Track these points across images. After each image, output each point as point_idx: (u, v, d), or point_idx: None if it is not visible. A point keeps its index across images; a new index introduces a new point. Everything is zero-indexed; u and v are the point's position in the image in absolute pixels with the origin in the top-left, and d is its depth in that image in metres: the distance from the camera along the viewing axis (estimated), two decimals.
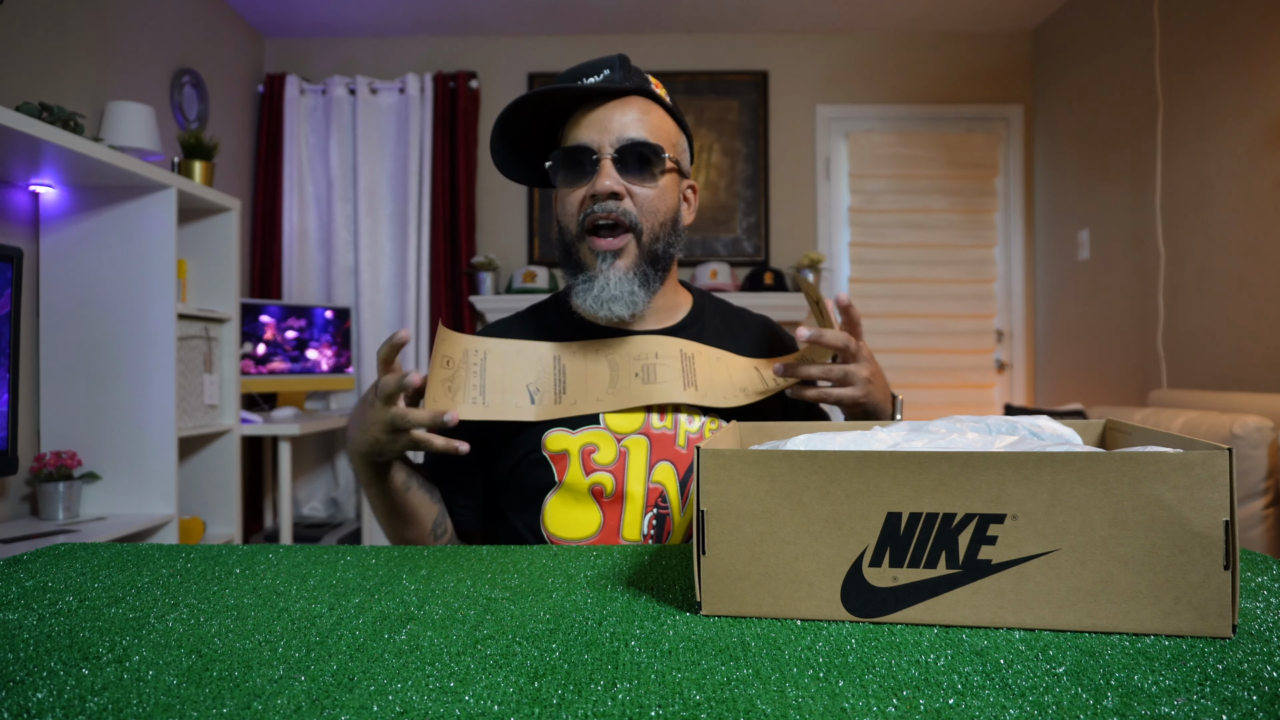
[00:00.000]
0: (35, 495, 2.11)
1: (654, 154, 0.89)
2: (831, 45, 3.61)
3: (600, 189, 0.86)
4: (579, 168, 0.88)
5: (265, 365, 3.06)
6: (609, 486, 0.88)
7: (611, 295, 0.88)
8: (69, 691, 0.40)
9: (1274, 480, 1.99)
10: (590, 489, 0.88)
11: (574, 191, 0.89)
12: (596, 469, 0.88)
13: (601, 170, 0.87)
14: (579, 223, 0.89)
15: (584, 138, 0.88)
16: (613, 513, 0.88)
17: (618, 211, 0.87)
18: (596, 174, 0.87)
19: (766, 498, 0.50)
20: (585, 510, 0.88)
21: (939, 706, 0.37)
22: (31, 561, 0.68)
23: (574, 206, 0.89)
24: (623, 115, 0.88)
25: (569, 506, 0.89)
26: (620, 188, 0.87)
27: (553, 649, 0.45)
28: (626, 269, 0.88)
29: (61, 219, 2.16)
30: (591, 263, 0.89)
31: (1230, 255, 2.44)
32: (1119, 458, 0.46)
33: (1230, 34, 2.44)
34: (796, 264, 3.54)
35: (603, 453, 0.89)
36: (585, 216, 0.88)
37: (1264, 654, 0.43)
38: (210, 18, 3.13)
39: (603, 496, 0.88)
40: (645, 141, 0.88)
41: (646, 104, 0.90)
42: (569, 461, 0.89)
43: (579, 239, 0.89)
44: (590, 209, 0.87)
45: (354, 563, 0.66)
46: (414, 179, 3.45)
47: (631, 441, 0.89)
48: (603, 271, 0.88)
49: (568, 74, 0.92)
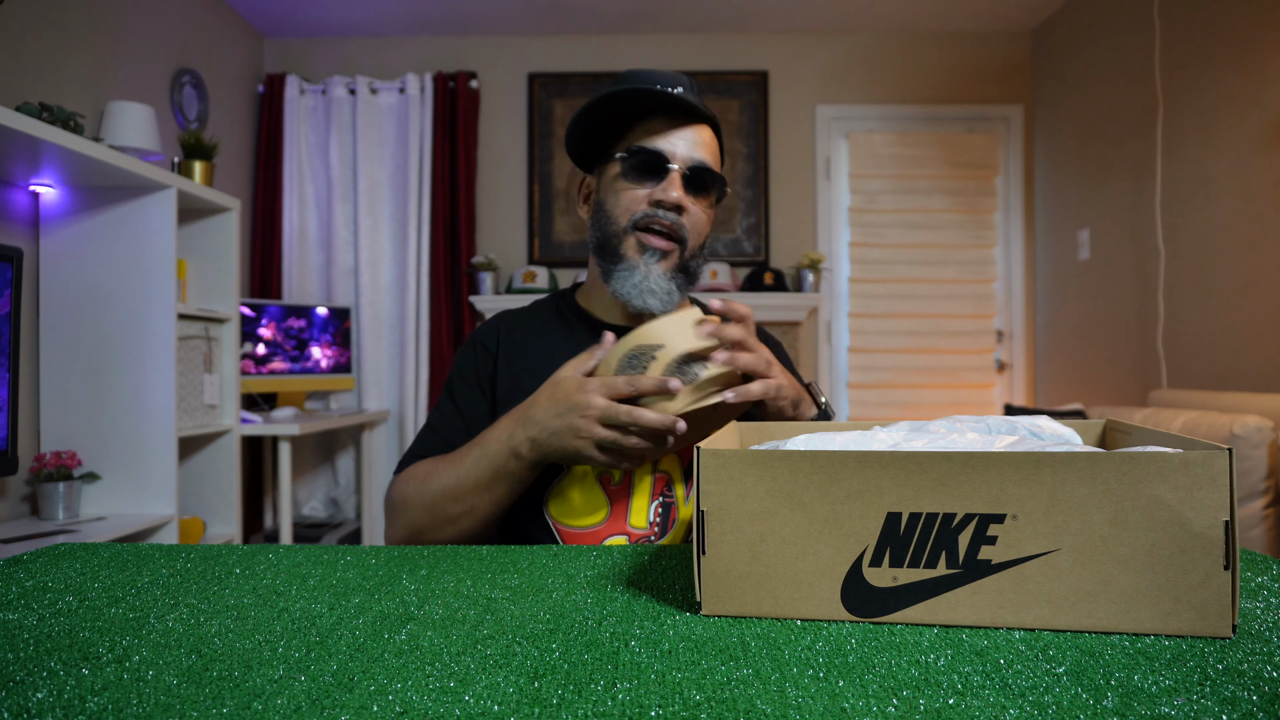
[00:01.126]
0: (35, 495, 2.11)
1: (715, 183, 0.95)
2: (831, 45, 3.61)
3: (669, 198, 0.91)
4: (649, 171, 0.92)
5: (265, 365, 3.06)
6: (616, 475, 0.89)
7: (650, 288, 0.92)
8: (69, 691, 0.40)
9: (1274, 480, 1.99)
10: (598, 476, 0.89)
11: (636, 189, 0.93)
12: None
13: (672, 180, 0.91)
14: (633, 219, 0.92)
15: (663, 145, 0.92)
16: (620, 500, 0.89)
17: (674, 223, 0.92)
18: (667, 182, 0.91)
19: (766, 498, 0.50)
20: (592, 498, 0.89)
21: (939, 706, 0.37)
22: (31, 561, 0.68)
23: (632, 202, 0.93)
24: (697, 137, 0.93)
25: (576, 493, 0.89)
26: (685, 202, 0.92)
27: (553, 649, 0.45)
28: (666, 269, 0.93)
29: (61, 219, 2.16)
30: (635, 255, 0.93)
31: (1230, 255, 2.44)
32: (1119, 458, 0.46)
33: (1230, 34, 2.44)
34: (796, 264, 3.54)
35: None
36: (644, 216, 0.92)
37: (1264, 654, 0.43)
38: (210, 18, 3.13)
39: (610, 484, 0.89)
40: (711, 169, 0.94)
41: (711, 133, 0.96)
42: None
43: (627, 231, 0.93)
44: (651, 211, 0.92)
45: (354, 563, 0.66)
46: (414, 179, 3.45)
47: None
48: (646, 264, 0.92)
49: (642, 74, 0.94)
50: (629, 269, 0.92)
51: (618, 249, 0.93)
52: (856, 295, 3.60)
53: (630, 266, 0.92)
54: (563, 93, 3.59)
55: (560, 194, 3.59)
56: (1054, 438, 0.62)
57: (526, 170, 3.60)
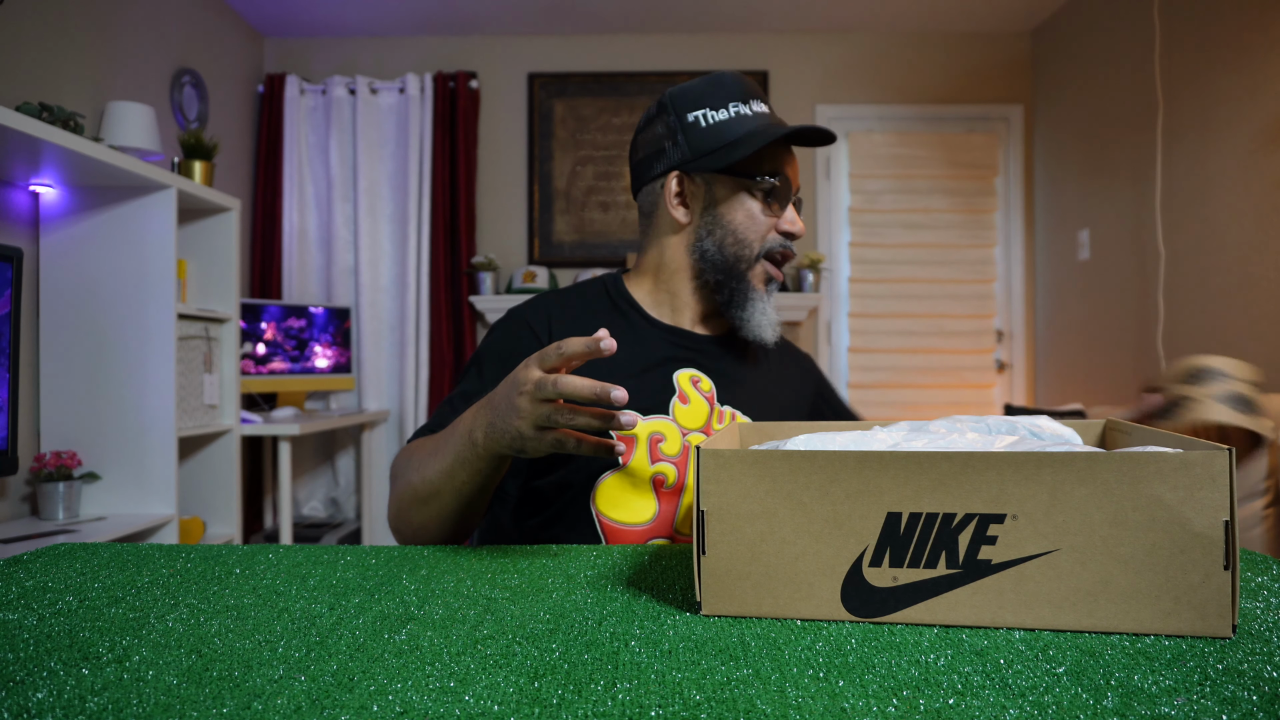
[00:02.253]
0: (35, 495, 2.11)
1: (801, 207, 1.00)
2: (831, 45, 3.61)
3: (798, 231, 0.95)
4: (782, 198, 0.95)
5: (265, 365, 3.06)
6: (671, 477, 0.89)
7: (770, 321, 0.96)
8: (69, 691, 0.40)
9: (1274, 480, 1.99)
10: (652, 477, 0.88)
11: (769, 216, 0.94)
12: (662, 458, 0.89)
13: (796, 213, 0.96)
14: (765, 245, 0.94)
15: (792, 175, 0.95)
16: (669, 504, 0.88)
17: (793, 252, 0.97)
18: (793, 214, 0.95)
19: (766, 498, 0.50)
20: (642, 497, 0.88)
21: (939, 706, 0.37)
22: (31, 561, 0.68)
23: (765, 229, 0.94)
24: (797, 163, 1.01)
25: (626, 490, 0.88)
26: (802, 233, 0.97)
27: (553, 649, 0.45)
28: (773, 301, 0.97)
29: (61, 219, 2.16)
30: (761, 286, 0.95)
31: (1230, 255, 2.44)
32: (1119, 458, 0.46)
33: (1230, 34, 2.44)
34: (797, 264, 3.54)
35: (669, 443, 0.89)
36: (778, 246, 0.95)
37: (1264, 654, 0.43)
38: (210, 18, 3.13)
39: (663, 487, 0.88)
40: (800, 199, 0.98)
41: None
42: (635, 446, 0.88)
43: (756, 260, 0.94)
44: (784, 243, 0.95)
45: (354, 563, 0.66)
46: (414, 179, 3.45)
47: (695, 437, 0.91)
48: (768, 297, 0.96)
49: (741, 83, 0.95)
50: (755, 299, 0.94)
51: (745, 274, 0.94)
52: (856, 295, 3.60)
53: (757, 297, 0.95)
54: (562, 93, 3.59)
55: (560, 194, 3.59)
56: (1054, 438, 0.62)
57: (526, 170, 3.60)
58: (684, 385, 0.93)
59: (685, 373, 0.94)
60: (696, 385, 0.94)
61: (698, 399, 0.93)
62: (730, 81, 0.95)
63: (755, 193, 0.93)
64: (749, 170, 0.93)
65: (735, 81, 0.95)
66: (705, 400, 0.93)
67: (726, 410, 0.94)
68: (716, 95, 0.93)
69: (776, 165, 0.93)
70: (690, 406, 0.92)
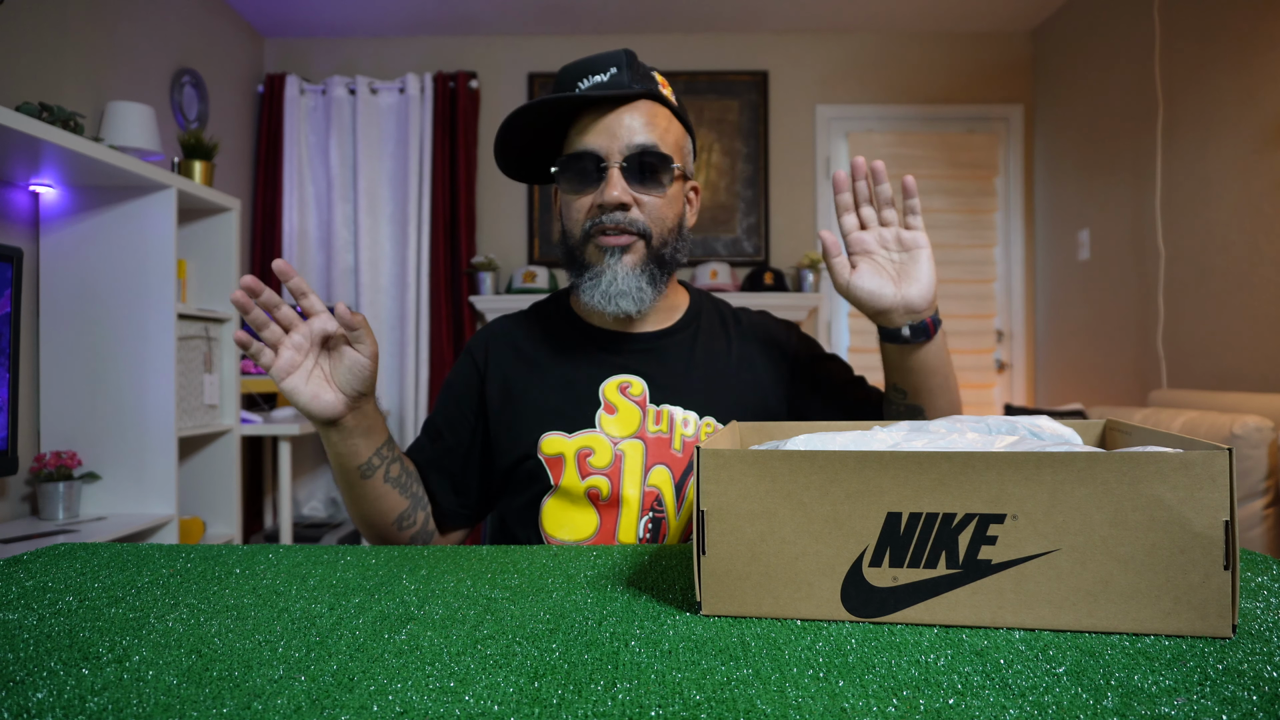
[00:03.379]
0: (35, 495, 2.11)
1: (663, 163, 0.87)
2: (831, 45, 3.61)
3: (609, 199, 0.85)
4: (586, 175, 0.87)
5: None
6: (605, 490, 0.88)
7: (620, 290, 0.87)
8: (69, 691, 0.40)
9: (1274, 480, 1.99)
10: (586, 492, 0.88)
11: (580, 198, 0.88)
12: (592, 472, 0.88)
13: (610, 180, 0.85)
14: (584, 229, 0.88)
15: (591, 144, 0.86)
16: (609, 516, 0.88)
17: (625, 221, 0.86)
18: (605, 183, 0.85)
19: (766, 498, 0.50)
20: (582, 513, 0.89)
21: (939, 706, 0.37)
22: (31, 561, 0.68)
23: (581, 213, 0.88)
24: (631, 120, 0.86)
25: (565, 509, 0.89)
26: (629, 198, 0.86)
27: (553, 649, 0.45)
28: (633, 265, 0.87)
29: (61, 219, 2.16)
30: (598, 259, 0.88)
31: (1230, 255, 2.44)
32: (1119, 458, 0.46)
33: (1230, 34, 2.44)
34: (796, 264, 3.54)
35: (598, 456, 0.89)
36: (593, 225, 0.87)
37: (1264, 654, 0.43)
38: (210, 18, 3.13)
39: (599, 500, 0.88)
40: (655, 150, 0.86)
41: (654, 107, 0.88)
42: (564, 465, 0.89)
43: (584, 241, 0.88)
44: (598, 218, 0.86)
45: (354, 563, 0.66)
46: (414, 179, 3.45)
47: (627, 445, 0.89)
48: (610, 267, 0.87)
49: (572, 69, 0.89)
50: (595, 275, 0.88)
51: (582, 259, 0.89)
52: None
53: (597, 273, 0.87)
54: None
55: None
56: (1054, 438, 0.62)
57: None
58: (610, 395, 0.91)
59: (613, 381, 0.92)
60: (625, 392, 0.92)
61: (627, 406, 0.91)
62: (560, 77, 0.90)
63: (561, 182, 0.89)
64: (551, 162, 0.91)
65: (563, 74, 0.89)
66: (636, 405, 0.91)
67: (664, 409, 0.91)
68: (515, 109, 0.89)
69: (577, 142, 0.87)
70: (618, 415, 0.90)
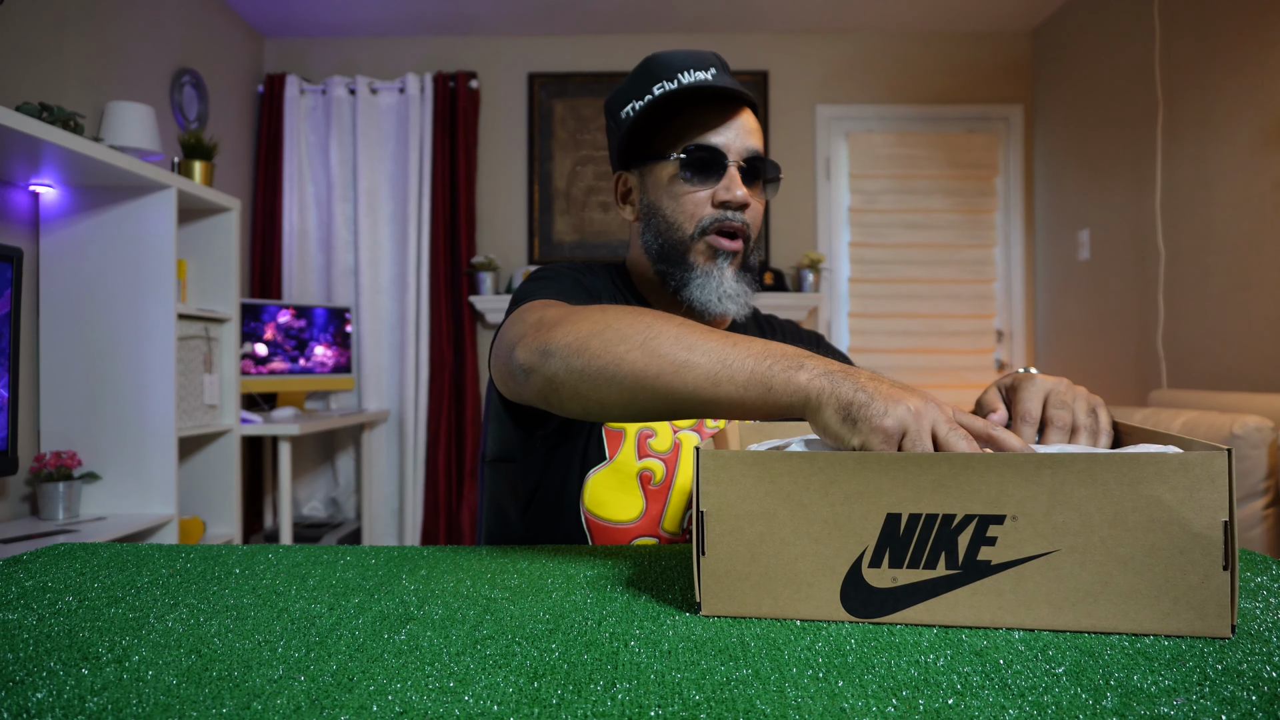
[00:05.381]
0: (35, 495, 2.11)
1: (770, 170, 0.91)
2: (831, 45, 3.61)
3: (735, 198, 0.87)
4: (708, 169, 0.88)
5: (265, 365, 3.06)
6: (659, 474, 0.87)
7: (728, 293, 0.89)
8: (69, 691, 0.40)
9: (1274, 480, 1.99)
10: (639, 474, 0.87)
11: (698, 191, 0.89)
12: (650, 454, 0.87)
13: (732, 177, 0.88)
14: (701, 224, 0.89)
15: (717, 140, 0.88)
16: (656, 502, 0.87)
17: (739, 221, 0.88)
18: (728, 180, 0.88)
19: (766, 498, 0.50)
20: (629, 494, 0.87)
21: (939, 706, 0.37)
22: (31, 561, 0.68)
23: (696, 206, 0.89)
24: (746, 123, 0.89)
25: (612, 488, 0.87)
26: (749, 199, 0.88)
27: (553, 649, 0.45)
28: (736, 271, 0.90)
29: (61, 219, 2.16)
30: (707, 262, 0.89)
31: (1230, 255, 2.44)
32: (1119, 458, 0.46)
33: (1230, 34, 2.44)
34: (797, 264, 3.54)
35: (660, 440, 0.88)
36: (712, 221, 0.88)
37: (1263, 654, 0.43)
38: (210, 18, 3.13)
39: (650, 483, 0.87)
40: (764, 156, 0.90)
41: (753, 116, 0.92)
42: (624, 440, 0.87)
43: (695, 237, 0.89)
44: (720, 215, 0.88)
45: (354, 563, 0.66)
46: (414, 179, 3.45)
47: (686, 435, 0.89)
48: (720, 268, 0.89)
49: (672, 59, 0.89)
50: (704, 276, 0.89)
51: (685, 256, 0.89)
52: (856, 295, 3.60)
53: (704, 273, 0.89)
54: (562, 93, 3.59)
55: (560, 194, 3.59)
56: None
57: (526, 170, 3.60)
58: None
59: None
60: None
61: None
62: (657, 63, 0.90)
63: (678, 170, 0.89)
64: (665, 149, 0.90)
65: (663, 61, 0.90)
66: None
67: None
68: (640, 84, 0.89)
69: (700, 133, 0.88)
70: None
